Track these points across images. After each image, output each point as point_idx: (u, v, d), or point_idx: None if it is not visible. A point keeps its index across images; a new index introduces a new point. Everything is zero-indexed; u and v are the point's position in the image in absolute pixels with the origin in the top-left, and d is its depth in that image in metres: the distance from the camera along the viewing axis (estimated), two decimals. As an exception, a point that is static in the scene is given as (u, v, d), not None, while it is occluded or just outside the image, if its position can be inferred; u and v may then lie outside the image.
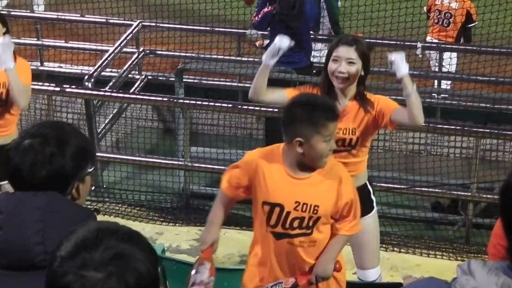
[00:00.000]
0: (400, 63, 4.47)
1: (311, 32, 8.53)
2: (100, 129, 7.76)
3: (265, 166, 4.00)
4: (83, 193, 2.83)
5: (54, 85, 7.59)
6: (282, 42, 4.62)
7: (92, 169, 2.85)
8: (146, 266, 1.80)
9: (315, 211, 3.92)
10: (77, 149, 2.76)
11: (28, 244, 2.55)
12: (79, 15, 9.50)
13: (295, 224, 3.93)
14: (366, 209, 4.74)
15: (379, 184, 6.98)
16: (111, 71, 8.62)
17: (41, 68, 9.63)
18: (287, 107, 3.88)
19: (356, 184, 4.58)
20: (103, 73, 8.14)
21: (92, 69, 8.08)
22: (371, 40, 8.66)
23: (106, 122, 8.02)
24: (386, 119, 4.58)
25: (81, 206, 2.77)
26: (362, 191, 4.73)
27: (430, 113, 8.60)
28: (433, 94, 8.91)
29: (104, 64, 8.15)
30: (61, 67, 9.49)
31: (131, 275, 1.76)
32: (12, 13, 9.60)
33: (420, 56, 9.10)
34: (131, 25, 8.79)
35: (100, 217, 4.86)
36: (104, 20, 9.35)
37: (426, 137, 7.90)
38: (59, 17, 9.58)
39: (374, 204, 4.92)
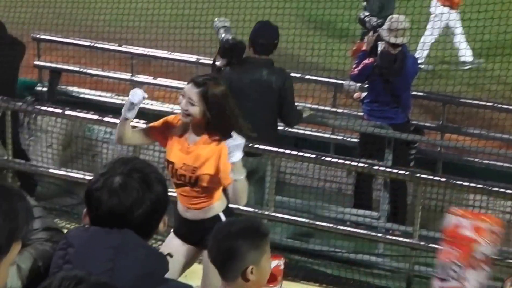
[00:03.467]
0: (235, 151, 4.80)
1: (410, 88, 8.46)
2: (186, 170, 7.83)
3: None
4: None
5: (143, 121, 7.73)
6: (134, 95, 5.06)
7: None
8: None
9: None
10: (164, 187, 2.87)
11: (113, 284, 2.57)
12: (170, 52, 9.63)
13: None
14: None
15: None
16: (202, 112, 8.71)
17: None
18: (225, 243, 3.67)
19: (207, 215, 5.13)
20: (194, 114, 8.23)
21: (183, 108, 8.17)
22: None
23: (192, 163, 8.11)
24: (225, 182, 4.99)
25: (154, 249, 2.85)
26: (213, 222, 4.93)
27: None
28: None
29: (195, 105, 8.24)
30: (152, 104, 9.57)
31: None
32: (109, 47, 9.83)
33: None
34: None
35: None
36: (194, 60, 9.50)
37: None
38: (151, 53, 9.73)
39: None
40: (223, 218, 5.12)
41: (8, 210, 2.16)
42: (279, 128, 8.38)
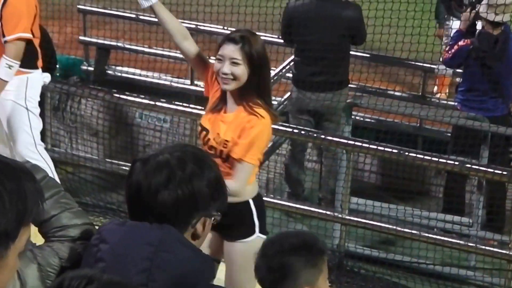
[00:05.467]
0: None
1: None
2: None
3: None
4: (205, 234, 2.96)
5: (200, 108, 7.86)
6: None
7: (219, 215, 2.98)
8: None
9: None
10: (215, 177, 2.93)
11: (128, 283, 2.61)
12: (225, 28, 9.51)
13: None
14: (242, 231, 5.09)
15: None
16: (268, 99, 8.78)
17: (191, 87, 9.87)
18: (277, 260, 3.66)
19: (236, 199, 4.91)
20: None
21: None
22: None
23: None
24: (234, 153, 4.90)
25: (198, 250, 2.87)
26: (242, 208, 5.03)
27: None
28: None
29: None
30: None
31: None
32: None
33: None
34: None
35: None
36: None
37: None
38: (212, 29, 9.76)
39: (257, 228, 5.09)
40: (252, 206, 5.10)
41: (16, 190, 2.18)
42: (358, 118, 8.47)
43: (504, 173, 7.07)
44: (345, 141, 7.45)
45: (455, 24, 9.62)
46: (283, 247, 3.60)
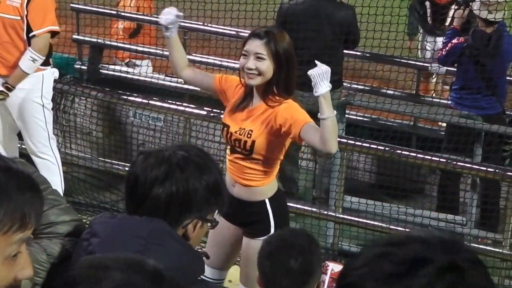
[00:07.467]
0: (319, 79, 4.79)
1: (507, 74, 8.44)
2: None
3: None
4: (197, 237, 3.00)
5: (194, 106, 7.90)
6: (163, 16, 5.20)
7: (215, 220, 3.02)
8: None
9: None
10: (215, 181, 2.96)
11: None
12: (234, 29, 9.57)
13: None
14: (258, 230, 5.14)
15: None
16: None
17: (185, 86, 9.86)
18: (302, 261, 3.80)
19: (252, 198, 5.13)
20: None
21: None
22: None
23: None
24: (295, 131, 4.88)
25: (189, 245, 2.91)
26: (258, 207, 5.14)
27: None
28: None
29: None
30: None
31: None
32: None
33: None
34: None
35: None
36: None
37: None
38: (206, 28, 9.73)
39: (272, 228, 5.14)
40: (268, 206, 5.18)
41: None
42: (352, 116, 8.52)
43: (498, 171, 7.12)
44: (339, 139, 7.46)
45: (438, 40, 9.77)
46: (302, 247, 3.70)
